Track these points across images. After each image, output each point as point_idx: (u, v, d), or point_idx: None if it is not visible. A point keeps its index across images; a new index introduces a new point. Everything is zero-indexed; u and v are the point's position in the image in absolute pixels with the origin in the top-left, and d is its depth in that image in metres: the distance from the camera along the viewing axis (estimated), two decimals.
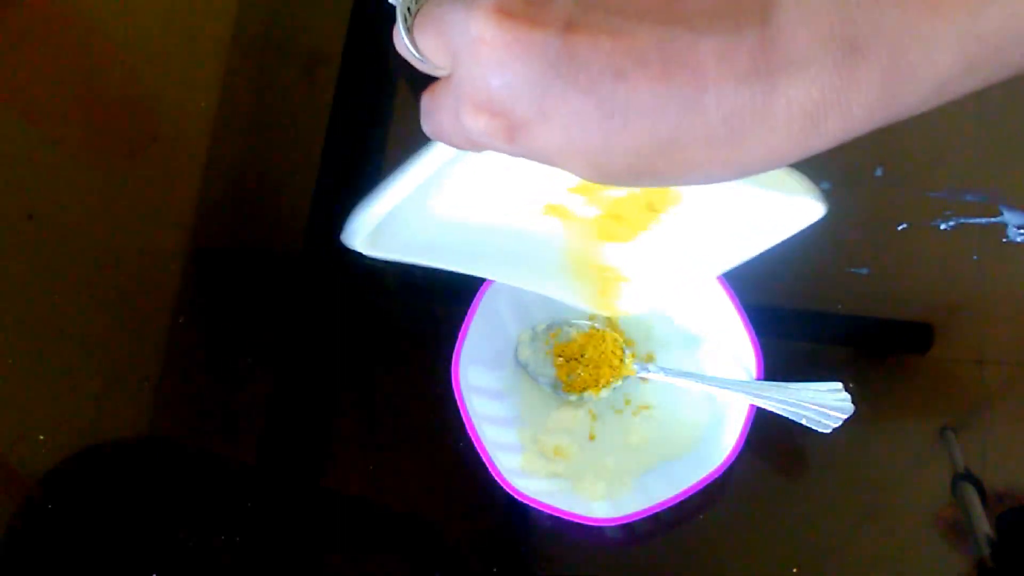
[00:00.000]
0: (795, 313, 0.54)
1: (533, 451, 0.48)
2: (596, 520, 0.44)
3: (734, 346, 0.47)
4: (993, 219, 0.53)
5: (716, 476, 0.43)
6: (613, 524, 0.44)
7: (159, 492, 0.52)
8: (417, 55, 0.26)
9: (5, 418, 0.55)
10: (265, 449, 0.53)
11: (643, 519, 0.44)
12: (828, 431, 0.44)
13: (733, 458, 0.44)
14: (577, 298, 0.46)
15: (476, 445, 0.45)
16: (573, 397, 0.50)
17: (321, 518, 0.52)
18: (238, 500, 0.51)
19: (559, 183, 0.39)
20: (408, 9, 0.26)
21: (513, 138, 0.23)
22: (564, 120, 0.23)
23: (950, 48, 0.22)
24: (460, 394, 0.46)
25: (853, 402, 0.44)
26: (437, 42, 0.25)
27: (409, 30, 0.26)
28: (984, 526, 0.47)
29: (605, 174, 0.24)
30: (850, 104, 0.22)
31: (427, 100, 0.26)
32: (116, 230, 0.59)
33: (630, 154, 0.23)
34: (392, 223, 0.34)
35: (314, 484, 0.53)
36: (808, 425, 0.44)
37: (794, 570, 0.47)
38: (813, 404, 0.44)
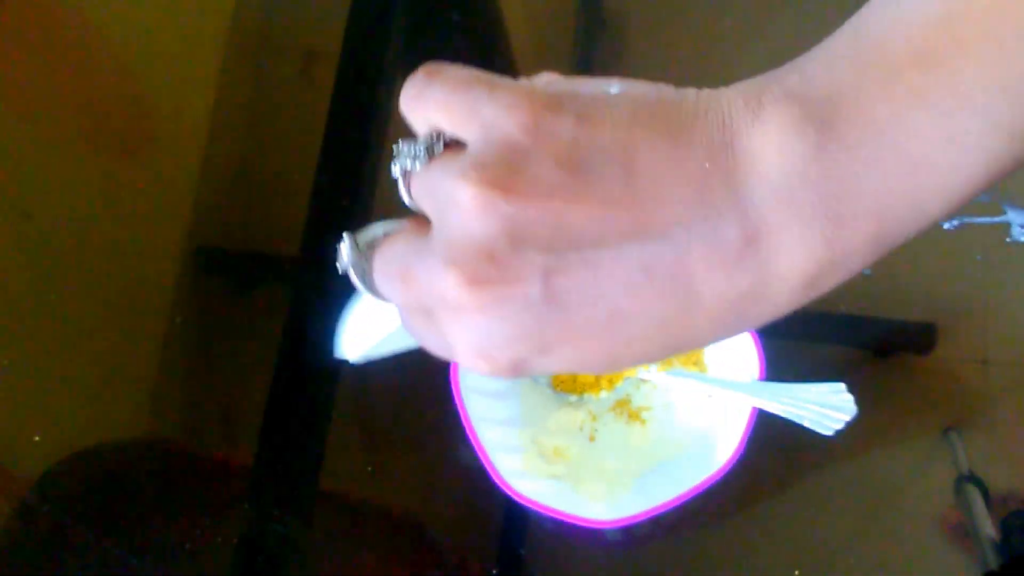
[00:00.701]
0: (797, 313, 0.53)
1: (533, 452, 0.48)
2: (596, 522, 0.44)
3: (736, 346, 0.46)
4: (997, 219, 0.53)
5: (717, 478, 0.43)
6: (613, 526, 0.44)
7: (156, 494, 0.52)
8: (385, 300, 0.25)
9: (1, 419, 0.55)
10: (262, 450, 0.53)
11: (643, 521, 0.43)
12: (831, 433, 0.44)
13: (735, 460, 0.43)
14: None
15: (475, 446, 0.45)
16: (573, 398, 0.49)
17: (319, 520, 0.52)
18: (235, 502, 0.51)
19: None
20: (363, 265, 0.25)
21: (516, 374, 0.23)
22: (565, 355, 0.22)
23: (937, 200, 0.21)
24: (459, 395, 0.45)
25: (856, 403, 0.44)
26: (407, 296, 0.24)
27: (368, 284, 0.25)
28: (988, 528, 0.47)
29: (613, 370, 0.24)
30: (845, 265, 0.22)
31: (410, 324, 0.25)
32: (113, 230, 0.59)
33: (639, 358, 0.23)
34: (381, 318, 0.33)
35: (312, 486, 0.53)
36: (810, 427, 0.44)
37: (796, 572, 0.47)
38: (815, 405, 0.44)
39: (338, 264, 0.25)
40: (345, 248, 0.25)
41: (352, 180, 0.59)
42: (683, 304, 0.21)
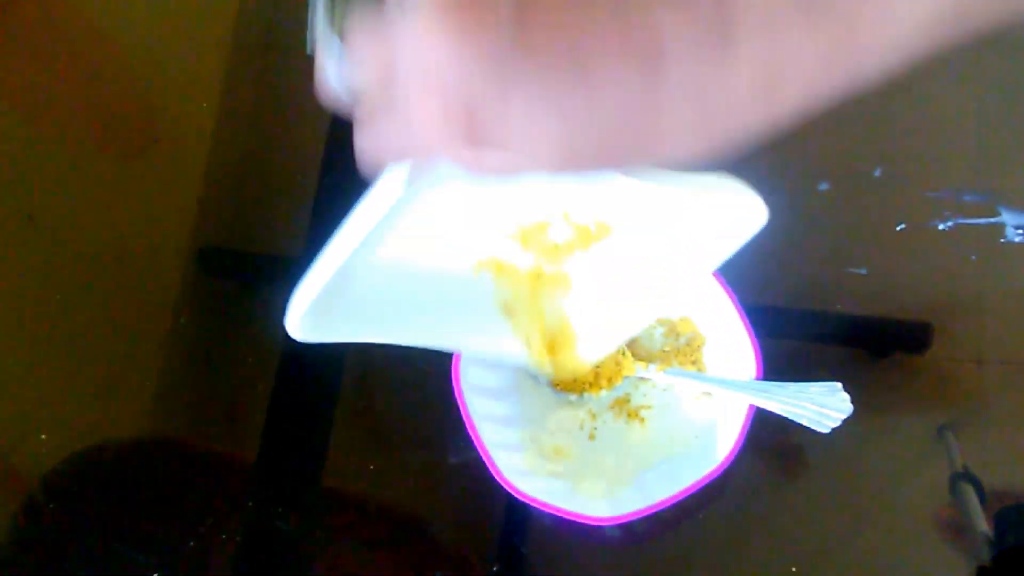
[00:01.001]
0: (794, 313, 0.54)
1: (533, 451, 0.48)
2: (596, 519, 0.44)
3: (734, 346, 0.47)
4: (991, 219, 0.53)
5: (715, 476, 0.43)
6: (613, 523, 0.44)
7: (159, 492, 0.52)
8: (347, 84, 0.25)
9: (6, 418, 0.55)
10: (265, 449, 0.53)
11: (643, 518, 0.44)
12: (827, 431, 0.44)
13: (732, 458, 0.44)
14: (529, 360, 0.44)
15: (476, 445, 0.45)
16: (573, 397, 0.50)
17: (321, 518, 0.52)
18: (238, 500, 0.51)
19: (494, 231, 0.36)
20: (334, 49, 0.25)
21: (474, 133, 0.22)
22: (527, 105, 0.22)
23: (908, 7, 0.22)
24: (460, 393, 0.46)
25: (852, 402, 0.44)
26: (377, 52, 0.24)
27: (339, 51, 0.25)
28: (982, 525, 0.47)
29: (573, 157, 0.23)
30: (812, 64, 0.22)
31: (363, 133, 0.25)
32: (117, 230, 0.59)
33: (597, 130, 0.22)
34: (331, 298, 0.33)
35: (314, 484, 0.53)
36: (807, 425, 0.44)
37: (793, 569, 0.47)
38: (812, 404, 0.44)
39: (308, 21, 0.25)
40: (320, 4, 0.25)
41: (357, 180, 0.59)
42: (649, 69, 0.21)
